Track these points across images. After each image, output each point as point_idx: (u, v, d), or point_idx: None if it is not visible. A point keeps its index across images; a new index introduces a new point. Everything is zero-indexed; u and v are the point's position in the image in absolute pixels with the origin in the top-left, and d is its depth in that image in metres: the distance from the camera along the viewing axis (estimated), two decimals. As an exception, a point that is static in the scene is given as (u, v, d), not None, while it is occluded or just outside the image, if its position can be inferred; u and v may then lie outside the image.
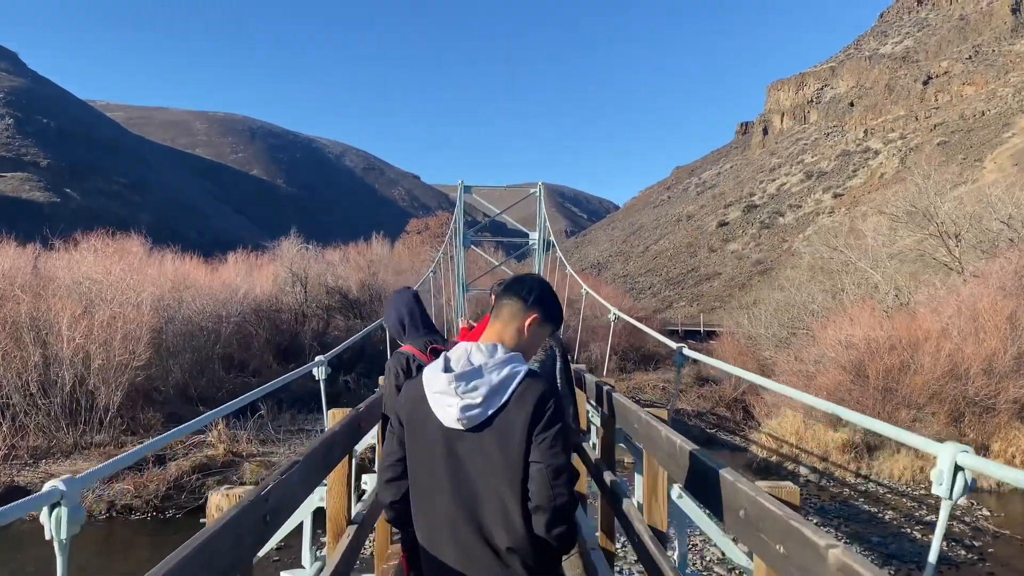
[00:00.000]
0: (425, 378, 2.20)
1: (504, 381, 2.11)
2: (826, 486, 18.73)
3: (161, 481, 15.63)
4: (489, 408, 2.09)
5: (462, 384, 2.10)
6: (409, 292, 4.62)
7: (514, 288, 2.37)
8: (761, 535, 2.21)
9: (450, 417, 2.11)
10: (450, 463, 2.12)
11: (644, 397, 28.11)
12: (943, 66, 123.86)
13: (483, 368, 2.13)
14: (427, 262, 31.44)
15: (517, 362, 2.18)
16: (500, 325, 2.32)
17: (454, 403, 2.10)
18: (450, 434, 2.13)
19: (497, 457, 2.08)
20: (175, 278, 23.02)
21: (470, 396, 2.09)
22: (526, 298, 2.33)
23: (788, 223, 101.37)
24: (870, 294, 30.21)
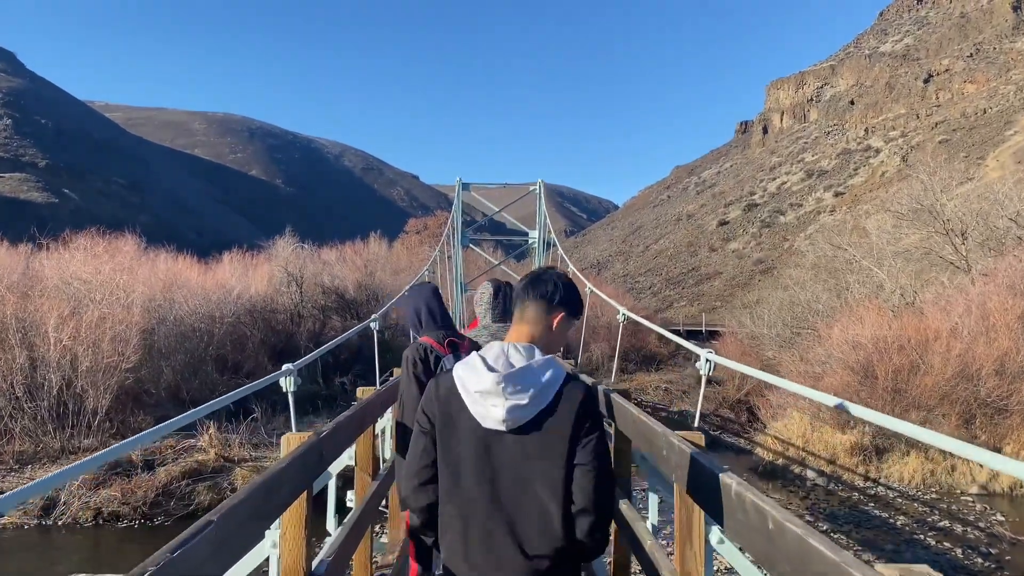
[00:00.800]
0: (461, 376, 2.17)
1: (550, 383, 2.11)
2: (835, 490, 18.24)
3: (150, 487, 15.14)
4: (536, 409, 2.09)
5: (510, 385, 2.08)
6: (428, 287, 4.58)
7: (538, 288, 2.35)
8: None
9: (494, 418, 2.09)
10: (487, 465, 2.11)
11: (646, 399, 27.62)
12: (944, 64, 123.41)
13: (530, 369, 2.12)
14: (425, 261, 30.90)
15: (556, 365, 2.17)
16: (528, 326, 2.31)
17: (500, 403, 2.08)
18: (488, 435, 2.11)
19: (540, 459, 2.07)
20: (166, 278, 22.53)
21: (518, 397, 2.08)
22: (551, 298, 2.33)
23: (789, 222, 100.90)
24: (875, 293, 29.74)
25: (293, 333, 26.04)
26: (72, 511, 14.69)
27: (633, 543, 3.77)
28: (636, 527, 3.74)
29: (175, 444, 16.82)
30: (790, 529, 1.90)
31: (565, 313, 2.35)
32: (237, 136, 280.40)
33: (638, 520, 3.89)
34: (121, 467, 15.73)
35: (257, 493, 2.33)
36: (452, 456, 2.16)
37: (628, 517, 3.99)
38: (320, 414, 22.31)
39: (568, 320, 2.36)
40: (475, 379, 2.13)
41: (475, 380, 2.13)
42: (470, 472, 2.12)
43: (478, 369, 2.14)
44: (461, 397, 2.15)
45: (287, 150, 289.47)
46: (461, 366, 2.21)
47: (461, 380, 2.17)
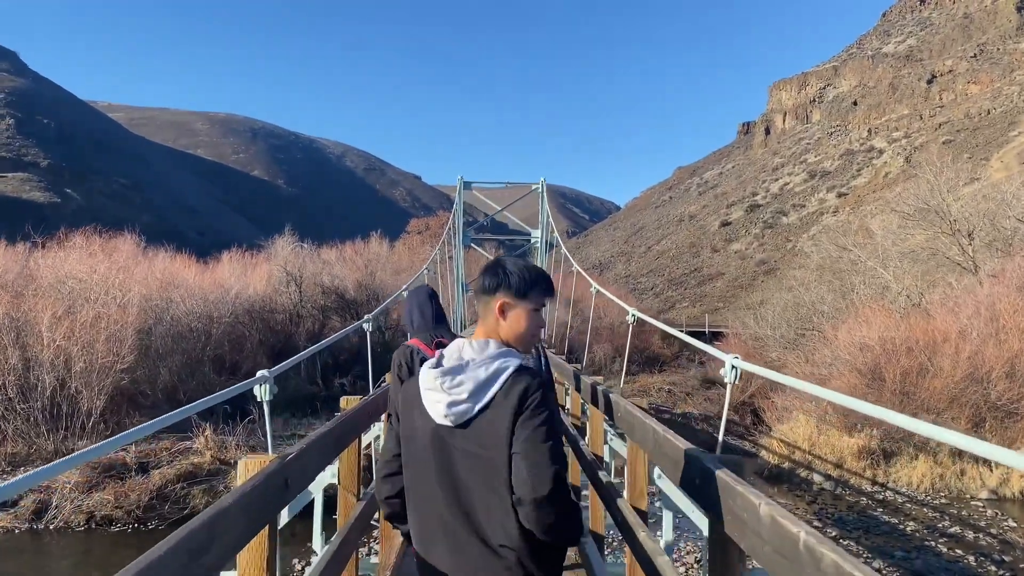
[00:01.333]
0: (420, 374, 2.18)
1: (492, 376, 2.07)
2: (842, 495, 17.91)
3: (143, 490, 14.84)
4: (476, 404, 2.05)
5: (448, 379, 2.08)
6: (425, 288, 4.68)
7: (483, 279, 2.29)
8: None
9: (438, 414, 2.08)
10: (440, 460, 2.09)
11: (649, 400, 27.24)
12: (947, 65, 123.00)
13: (470, 363, 2.09)
14: (426, 261, 30.60)
15: (509, 356, 2.12)
16: (481, 321, 2.26)
17: (441, 399, 2.08)
18: (441, 431, 2.09)
19: (484, 454, 2.04)
20: (163, 277, 22.22)
21: (456, 392, 2.06)
22: (490, 287, 2.24)
23: (792, 223, 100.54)
24: (881, 294, 29.42)
25: (292, 333, 25.76)
26: (64, 515, 14.40)
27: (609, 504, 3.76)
28: (658, 562, 3.43)
29: (170, 446, 16.54)
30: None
31: (506, 298, 2.21)
32: (239, 136, 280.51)
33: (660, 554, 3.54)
34: (115, 469, 15.44)
35: (195, 536, 1.89)
36: (411, 452, 2.17)
37: (649, 550, 3.58)
38: (319, 416, 22.01)
39: (516, 304, 2.21)
40: (425, 376, 2.14)
41: (425, 377, 2.14)
42: (426, 467, 2.12)
43: (429, 365, 2.15)
44: (418, 391, 2.16)
45: (289, 150, 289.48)
46: (425, 364, 2.19)
47: (420, 377, 2.17)
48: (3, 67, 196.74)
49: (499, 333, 2.21)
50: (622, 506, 4.35)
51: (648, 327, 39.63)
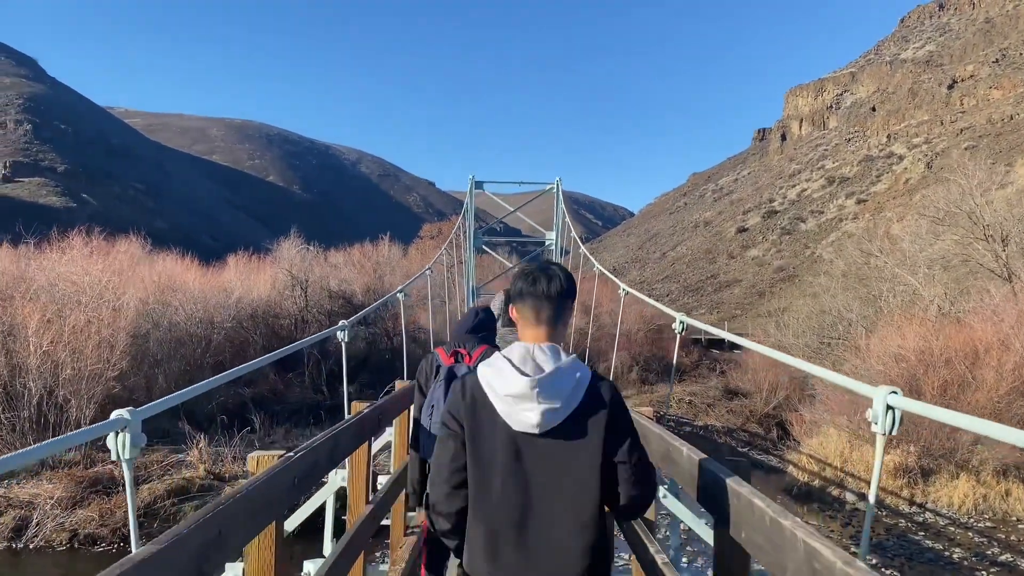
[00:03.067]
0: (488, 379, 2.16)
1: (580, 384, 2.13)
2: (879, 516, 16.70)
3: (130, 507, 13.87)
4: (568, 411, 2.10)
5: (544, 389, 2.08)
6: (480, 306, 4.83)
7: (552, 284, 2.28)
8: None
9: (527, 422, 2.09)
10: (519, 467, 2.11)
11: (669, 412, 26.10)
12: (968, 70, 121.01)
13: (560, 372, 2.12)
14: (437, 264, 29.61)
15: (583, 364, 2.20)
16: (545, 325, 2.26)
17: (534, 408, 2.08)
18: (519, 437, 2.11)
19: (574, 459, 2.09)
20: (160, 281, 21.34)
21: (551, 401, 2.08)
22: (567, 292, 2.29)
23: (810, 229, 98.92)
24: (912, 301, 28.17)
25: (297, 339, 24.83)
26: (45, 533, 13.47)
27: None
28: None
29: (161, 459, 15.60)
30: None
31: (573, 303, 2.33)
32: (255, 142, 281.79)
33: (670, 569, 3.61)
34: (101, 484, 14.50)
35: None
36: (482, 459, 2.15)
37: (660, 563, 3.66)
38: (323, 426, 21.04)
39: (573, 308, 2.36)
40: (505, 383, 2.12)
41: (505, 384, 2.12)
42: (500, 474, 2.12)
43: (506, 373, 2.13)
44: (489, 400, 2.15)
45: (304, 156, 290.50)
46: (487, 369, 2.18)
47: (488, 383, 2.16)
48: (22, 73, 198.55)
49: (558, 336, 2.25)
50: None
51: (667, 335, 38.52)
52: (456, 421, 2.19)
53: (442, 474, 2.20)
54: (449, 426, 2.21)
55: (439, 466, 2.21)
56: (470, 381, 2.20)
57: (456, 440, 2.18)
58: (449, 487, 2.19)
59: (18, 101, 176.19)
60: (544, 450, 2.08)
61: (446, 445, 2.20)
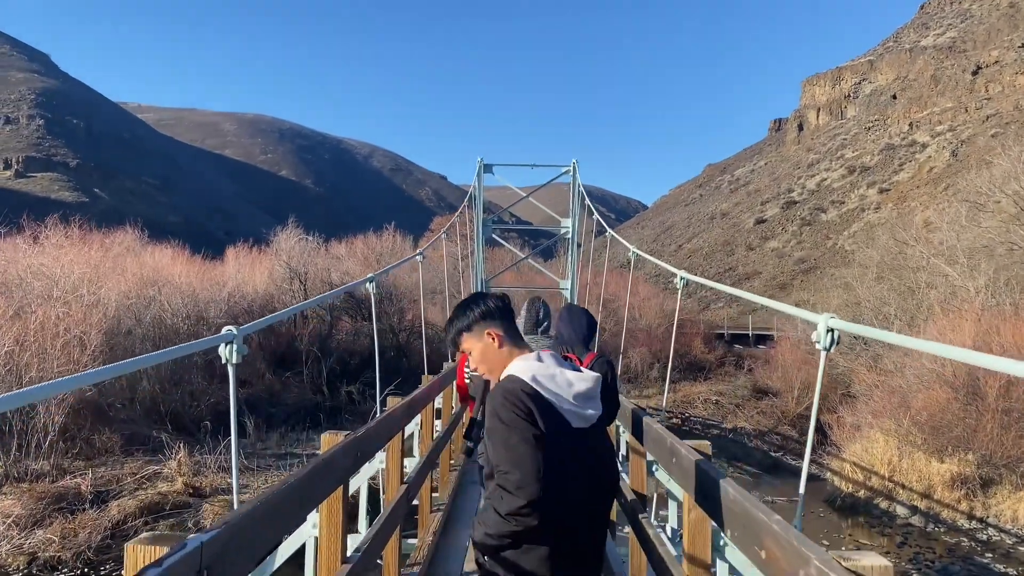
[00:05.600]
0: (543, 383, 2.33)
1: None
2: (934, 532, 14.95)
3: (96, 527, 12.34)
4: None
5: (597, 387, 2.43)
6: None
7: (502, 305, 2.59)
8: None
9: (588, 417, 2.37)
10: (581, 458, 2.35)
11: (694, 413, 24.33)
12: (993, 55, 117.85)
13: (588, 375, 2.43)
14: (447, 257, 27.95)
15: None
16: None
17: (595, 405, 2.41)
18: (578, 433, 2.35)
19: (603, 442, 2.49)
20: (144, 273, 19.79)
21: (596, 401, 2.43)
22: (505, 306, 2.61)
23: (831, 220, 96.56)
24: (953, 293, 26.28)
25: (295, 336, 23.26)
26: (0, 556, 11.95)
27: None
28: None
29: (136, 470, 14.07)
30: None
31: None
32: (267, 136, 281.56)
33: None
34: (66, 500, 12.98)
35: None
36: (555, 456, 2.28)
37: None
38: (321, 430, 19.46)
39: None
40: (569, 384, 2.34)
41: (571, 386, 2.34)
42: (568, 467, 2.30)
43: (567, 375, 2.36)
44: (547, 400, 2.31)
45: (317, 150, 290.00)
46: (537, 374, 2.34)
47: (543, 385, 2.32)
48: (34, 68, 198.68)
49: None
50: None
51: (689, 329, 36.72)
52: (530, 423, 2.27)
53: (538, 473, 2.24)
54: (525, 428, 2.26)
55: (532, 467, 2.24)
56: (524, 386, 2.32)
57: (538, 440, 2.26)
58: (541, 482, 2.24)
59: (30, 96, 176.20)
60: (593, 442, 2.39)
61: (532, 445, 2.26)
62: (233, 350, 3.49)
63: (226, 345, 3.49)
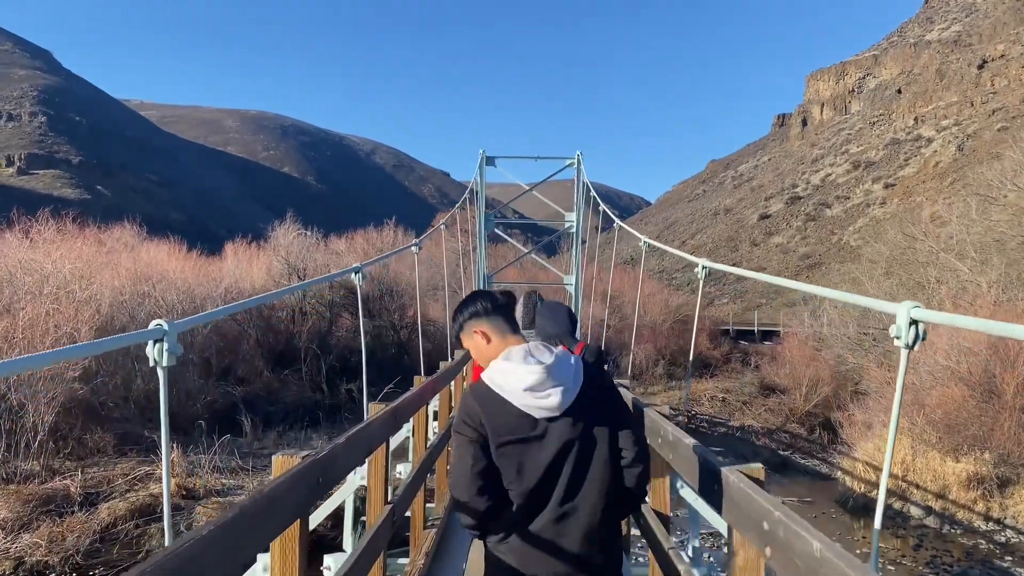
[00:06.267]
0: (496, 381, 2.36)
1: (576, 366, 2.38)
2: (951, 535, 14.50)
3: (85, 531, 11.94)
4: (576, 391, 2.34)
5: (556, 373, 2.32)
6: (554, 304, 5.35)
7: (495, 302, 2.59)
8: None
9: (549, 406, 2.30)
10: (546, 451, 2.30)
11: (701, 410, 23.89)
12: (999, 49, 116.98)
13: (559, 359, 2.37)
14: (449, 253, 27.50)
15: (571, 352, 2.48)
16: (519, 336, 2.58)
17: (555, 391, 2.30)
18: (540, 424, 2.30)
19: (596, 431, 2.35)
20: (137, 269, 19.39)
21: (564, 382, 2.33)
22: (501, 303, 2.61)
23: (836, 215, 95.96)
24: (963, 288, 25.78)
25: (295, 333, 22.85)
26: (-16, 562, 11.56)
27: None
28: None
29: (128, 471, 13.66)
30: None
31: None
32: (269, 133, 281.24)
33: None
34: (55, 503, 12.58)
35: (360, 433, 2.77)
36: (509, 453, 2.29)
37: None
38: (320, 429, 19.09)
39: None
40: (519, 378, 2.30)
41: (520, 379, 2.30)
42: (531, 462, 2.28)
43: (517, 370, 2.32)
44: (504, 399, 2.31)
45: (319, 147, 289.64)
46: (494, 374, 2.37)
47: (499, 385, 2.34)
48: (36, 65, 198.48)
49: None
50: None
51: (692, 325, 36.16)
52: (473, 428, 2.33)
53: (467, 477, 2.32)
54: (467, 433, 2.34)
55: (462, 471, 2.34)
56: (479, 389, 2.38)
57: (476, 445, 2.32)
58: (475, 489, 2.31)
59: (33, 93, 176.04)
60: (566, 430, 2.28)
61: (467, 450, 2.33)
62: (164, 350, 2.62)
63: (155, 343, 2.65)
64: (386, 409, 4.14)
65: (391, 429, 4.25)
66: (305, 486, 2.53)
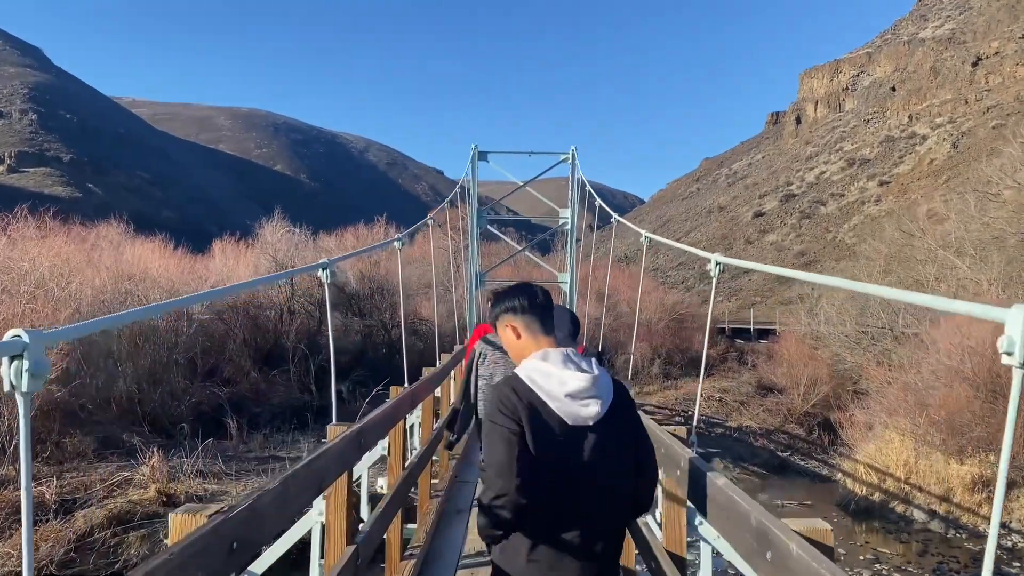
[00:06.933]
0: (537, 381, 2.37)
1: (609, 381, 2.45)
2: (956, 539, 14.13)
3: (59, 540, 11.44)
4: (608, 405, 2.39)
5: (598, 385, 2.38)
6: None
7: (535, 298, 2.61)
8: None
9: (586, 415, 2.34)
10: (574, 458, 2.33)
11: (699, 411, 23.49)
12: (993, 47, 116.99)
13: (602, 372, 2.44)
14: (440, 251, 27.04)
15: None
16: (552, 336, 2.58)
17: (595, 402, 2.35)
18: (574, 431, 2.33)
19: (618, 446, 2.39)
20: (119, 267, 18.87)
21: (604, 395, 2.38)
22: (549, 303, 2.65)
23: (831, 212, 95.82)
24: (962, 286, 25.49)
25: (283, 332, 22.36)
26: (-46, 570, 11.06)
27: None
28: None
29: (106, 477, 13.17)
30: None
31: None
32: (262, 131, 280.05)
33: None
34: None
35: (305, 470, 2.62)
36: (540, 454, 2.31)
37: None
38: (307, 431, 18.59)
39: None
40: (562, 382, 2.34)
41: (563, 383, 2.34)
42: (557, 466, 2.31)
43: (565, 372, 2.36)
44: (542, 400, 2.34)
45: (312, 145, 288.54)
46: (532, 372, 2.39)
47: (539, 385, 2.36)
48: (27, 62, 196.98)
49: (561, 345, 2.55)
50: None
51: (688, 324, 35.85)
52: (513, 420, 2.33)
53: (510, 469, 2.30)
54: (507, 425, 2.34)
55: (504, 462, 2.31)
56: (518, 384, 2.39)
57: (517, 437, 2.32)
58: (514, 482, 2.30)
59: (23, 90, 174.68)
60: (594, 441, 2.33)
61: (508, 442, 2.32)
62: (23, 369, 1.74)
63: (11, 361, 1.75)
64: (347, 433, 3.49)
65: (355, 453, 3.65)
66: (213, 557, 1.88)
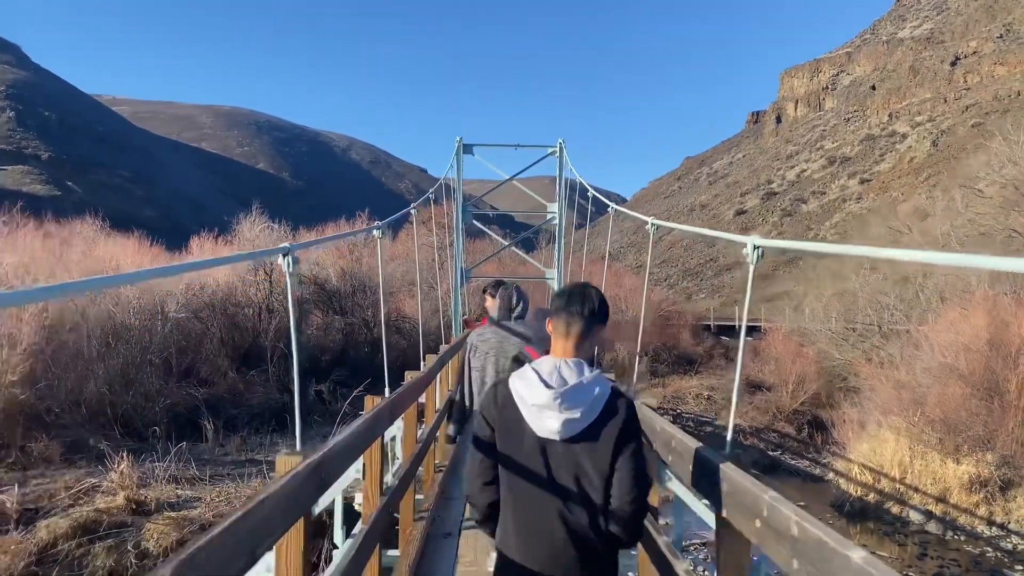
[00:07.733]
0: (518, 389, 2.37)
1: (599, 398, 2.33)
2: (951, 541, 13.80)
3: (19, 552, 10.81)
4: (587, 422, 2.30)
5: (565, 401, 2.29)
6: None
7: (586, 304, 2.47)
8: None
9: (549, 429, 2.30)
10: (542, 468, 2.31)
11: (685, 409, 23.11)
12: (971, 46, 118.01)
13: (582, 386, 2.32)
14: (424, 247, 26.45)
15: (604, 380, 2.40)
16: (574, 340, 2.45)
17: (555, 417, 2.29)
18: (543, 442, 2.32)
19: (588, 464, 2.31)
20: (88, 265, 18.15)
21: (571, 412, 2.29)
22: (599, 314, 2.48)
23: (812, 210, 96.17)
24: (950, 284, 25.28)
25: (261, 331, 21.72)
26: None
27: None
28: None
29: (72, 484, 12.52)
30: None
31: (603, 325, 2.51)
32: (244, 129, 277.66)
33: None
34: (-13, 521, 11.42)
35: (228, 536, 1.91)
36: (511, 459, 2.36)
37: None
38: (286, 433, 17.98)
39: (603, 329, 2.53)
40: (531, 393, 2.32)
41: (531, 394, 2.32)
42: (532, 476, 2.33)
43: (533, 384, 2.33)
44: (517, 406, 2.36)
45: (294, 143, 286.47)
46: (517, 379, 2.39)
47: (517, 392, 2.37)
48: (4, 59, 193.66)
49: (584, 353, 2.44)
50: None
51: (675, 321, 35.59)
52: (487, 424, 2.41)
53: (475, 470, 2.45)
54: (482, 428, 2.44)
55: (473, 463, 2.46)
56: (501, 389, 2.43)
57: (488, 440, 2.41)
58: (481, 482, 2.43)
59: (1, 88, 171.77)
60: (564, 455, 2.30)
61: (480, 444, 2.43)
62: None
63: None
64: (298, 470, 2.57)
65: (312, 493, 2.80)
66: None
